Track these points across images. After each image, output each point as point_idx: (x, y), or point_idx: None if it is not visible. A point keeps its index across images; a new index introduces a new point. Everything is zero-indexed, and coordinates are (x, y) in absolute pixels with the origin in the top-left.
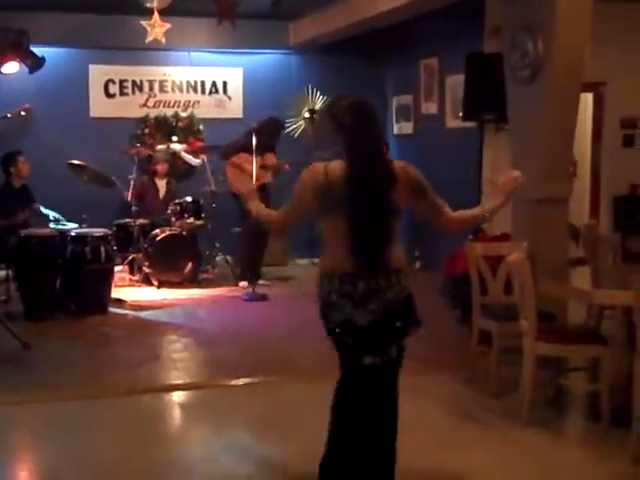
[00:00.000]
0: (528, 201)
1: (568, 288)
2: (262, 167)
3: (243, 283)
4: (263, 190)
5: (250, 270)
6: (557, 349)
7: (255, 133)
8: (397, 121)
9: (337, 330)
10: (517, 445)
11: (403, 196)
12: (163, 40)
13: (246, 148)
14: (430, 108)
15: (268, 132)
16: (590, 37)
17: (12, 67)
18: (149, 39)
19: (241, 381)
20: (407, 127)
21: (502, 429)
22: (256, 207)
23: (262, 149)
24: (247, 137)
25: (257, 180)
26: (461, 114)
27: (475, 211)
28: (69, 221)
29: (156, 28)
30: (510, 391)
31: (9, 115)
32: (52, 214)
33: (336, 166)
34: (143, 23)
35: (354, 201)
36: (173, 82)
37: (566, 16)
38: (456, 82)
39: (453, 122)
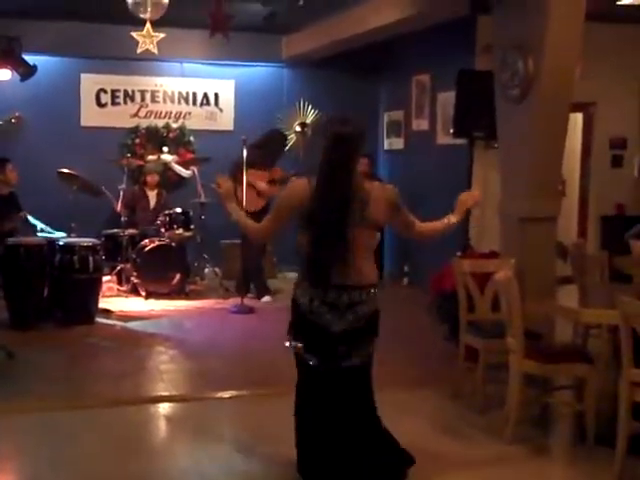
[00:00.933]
0: (516, 219)
1: (555, 306)
2: (271, 182)
3: (266, 298)
4: (267, 206)
5: (261, 282)
6: (543, 367)
7: (260, 147)
8: (388, 136)
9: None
10: (501, 462)
11: (381, 212)
12: (155, 50)
13: (252, 164)
14: (421, 124)
15: (273, 145)
16: (580, 57)
17: (3, 74)
18: (140, 50)
19: (227, 393)
20: (398, 143)
21: (486, 446)
22: (236, 211)
23: (269, 164)
24: (252, 153)
25: (268, 195)
26: (452, 131)
27: (440, 224)
28: (57, 230)
29: (148, 38)
30: (495, 408)
31: (0, 122)
32: (39, 224)
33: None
34: (134, 34)
35: (313, 217)
36: (165, 93)
37: (557, 36)
38: (447, 99)
39: (444, 138)
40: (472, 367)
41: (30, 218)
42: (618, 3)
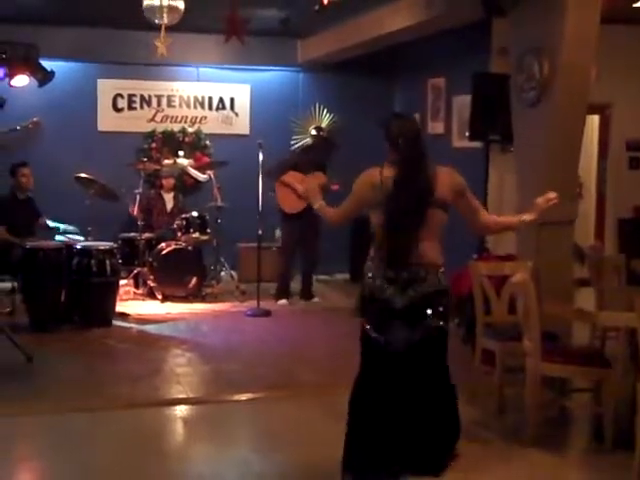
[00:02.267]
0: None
1: (572, 309)
2: None
3: (282, 301)
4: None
5: (283, 287)
6: (561, 370)
7: (305, 152)
8: None
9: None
10: (519, 465)
11: (448, 195)
12: (165, 53)
13: (296, 167)
14: (437, 128)
15: (317, 151)
16: (596, 59)
17: (22, 80)
18: (159, 54)
19: (244, 396)
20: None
21: (504, 449)
22: (319, 203)
23: (312, 168)
24: (297, 156)
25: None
26: (467, 134)
27: (511, 219)
28: (75, 234)
29: (163, 43)
30: (513, 411)
31: (18, 127)
32: (60, 226)
33: (388, 171)
34: (157, 42)
35: (392, 202)
36: (181, 97)
37: (572, 38)
38: (463, 102)
39: (459, 142)
40: (489, 370)
41: (50, 223)
42: (634, 5)
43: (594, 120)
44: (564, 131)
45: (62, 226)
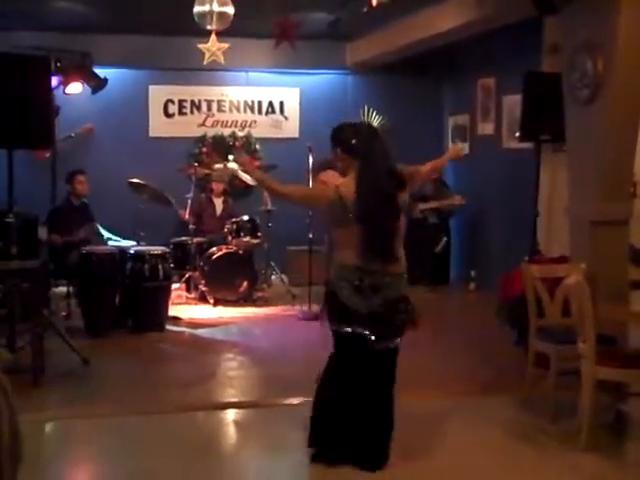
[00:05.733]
0: (587, 223)
1: (628, 312)
2: None
3: None
4: None
5: None
6: (618, 373)
7: None
8: (453, 141)
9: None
10: (575, 470)
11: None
12: (222, 60)
13: (333, 166)
14: (486, 128)
15: None
16: None
17: (76, 88)
18: (207, 61)
19: (296, 400)
20: (463, 147)
21: (559, 453)
22: (260, 174)
23: None
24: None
25: None
26: (518, 134)
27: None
28: (126, 239)
29: (214, 49)
30: (568, 415)
31: (73, 135)
32: (107, 234)
33: (345, 184)
34: (201, 46)
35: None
36: (231, 102)
37: (627, 34)
38: (513, 102)
39: (510, 142)
40: (542, 373)
41: (100, 228)
42: None
43: None
44: (619, 129)
45: (107, 235)
